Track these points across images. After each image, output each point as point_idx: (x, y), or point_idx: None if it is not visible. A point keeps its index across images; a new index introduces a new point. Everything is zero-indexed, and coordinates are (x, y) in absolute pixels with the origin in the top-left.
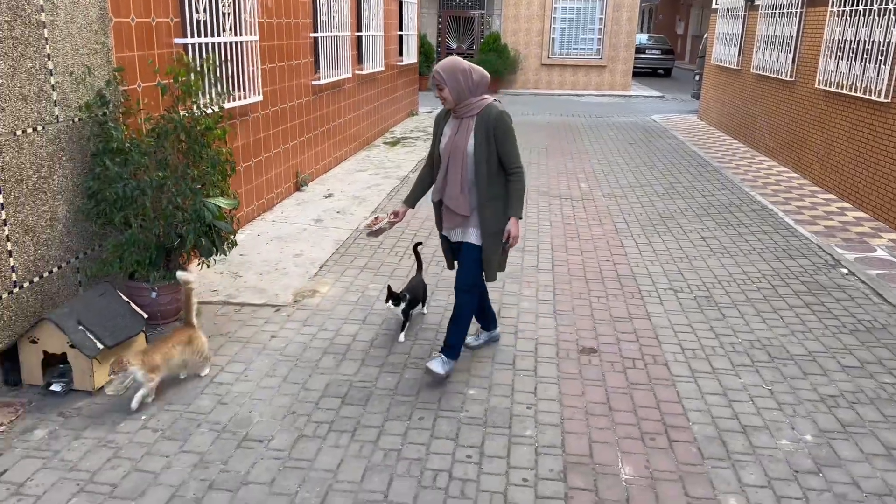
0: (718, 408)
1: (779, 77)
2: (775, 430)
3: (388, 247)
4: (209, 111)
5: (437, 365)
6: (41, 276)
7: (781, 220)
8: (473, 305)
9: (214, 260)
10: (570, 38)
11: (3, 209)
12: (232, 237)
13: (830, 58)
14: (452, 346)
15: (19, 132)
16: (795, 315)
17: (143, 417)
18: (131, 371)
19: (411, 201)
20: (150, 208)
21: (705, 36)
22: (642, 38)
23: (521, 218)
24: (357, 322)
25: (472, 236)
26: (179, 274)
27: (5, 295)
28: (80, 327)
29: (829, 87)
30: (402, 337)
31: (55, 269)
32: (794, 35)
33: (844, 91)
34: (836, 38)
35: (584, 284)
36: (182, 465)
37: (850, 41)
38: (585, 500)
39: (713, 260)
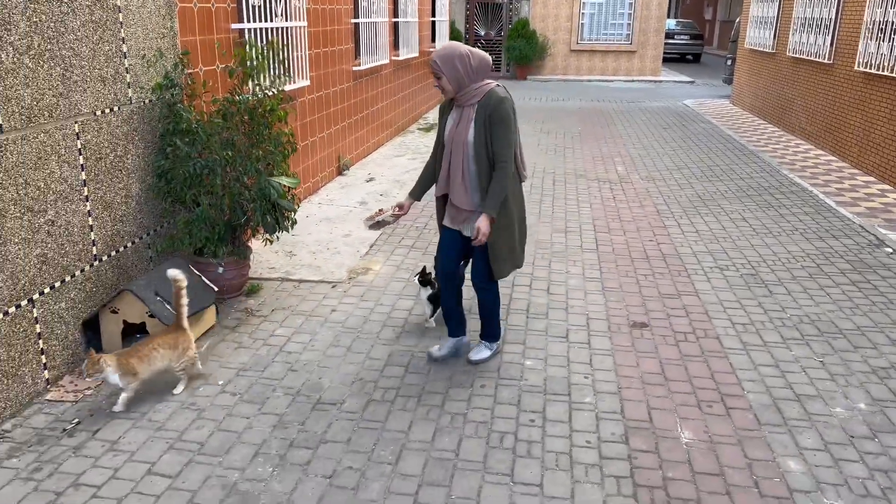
0: (772, 378)
1: (816, 59)
2: (829, 398)
3: (435, 229)
4: (270, 93)
5: (479, 352)
6: (118, 251)
7: (822, 202)
8: (495, 297)
9: (277, 237)
10: (600, 24)
11: (85, 185)
12: (293, 215)
13: (871, 39)
14: (490, 336)
15: (98, 112)
16: (842, 292)
17: (220, 382)
18: (106, 373)
19: (417, 194)
20: (219, 186)
21: (738, 20)
22: (671, 23)
23: (494, 216)
24: (411, 297)
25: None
26: (170, 272)
27: (87, 267)
28: (158, 298)
29: (869, 68)
30: (431, 322)
31: (129, 245)
32: (833, 17)
33: (885, 73)
34: (878, 20)
35: (630, 263)
36: (262, 425)
37: (892, 22)
38: (648, 461)
39: (756, 240)
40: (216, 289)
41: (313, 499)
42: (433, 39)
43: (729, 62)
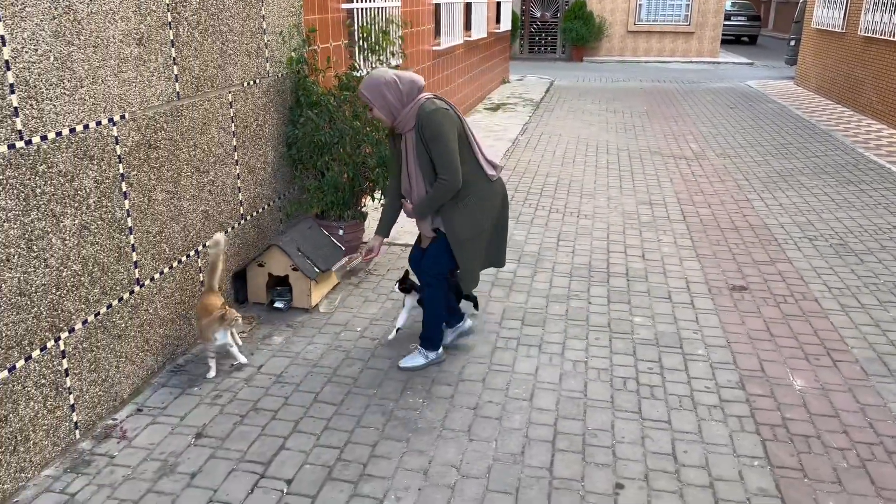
0: (873, 335)
1: (891, 39)
2: None
3: (550, 208)
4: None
5: (412, 358)
6: (258, 212)
7: None
8: (439, 298)
9: None
10: (658, 5)
11: (235, 150)
12: None
13: None
14: (425, 340)
15: (245, 84)
16: None
17: (358, 329)
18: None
19: (384, 230)
20: (346, 154)
21: (802, 0)
22: (727, 4)
23: (420, 216)
24: (525, 267)
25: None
26: (215, 238)
27: (236, 225)
28: (300, 253)
29: None
30: (399, 323)
31: (265, 207)
32: None
33: None
34: None
35: (720, 233)
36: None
37: None
38: (766, 403)
39: (840, 213)
40: (343, 248)
41: (463, 426)
42: (497, 21)
43: (792, 43)
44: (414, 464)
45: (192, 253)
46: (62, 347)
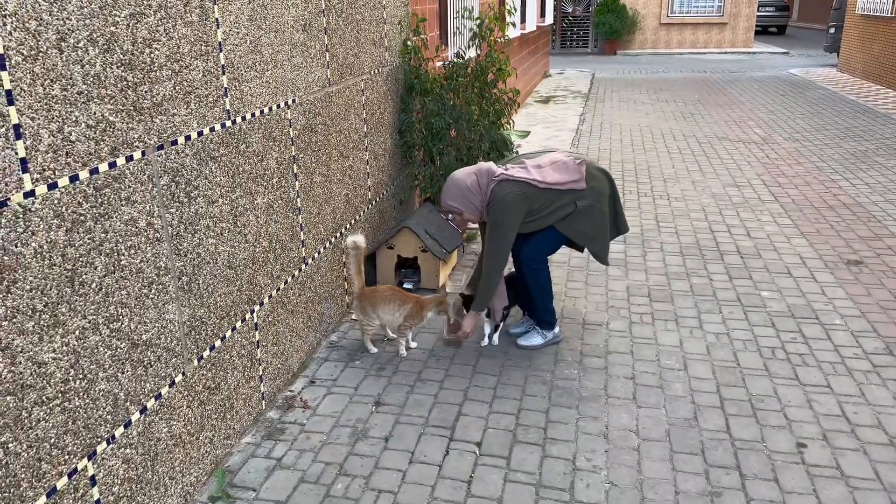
0: None
1: None
2: None
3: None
4: (501, 54)
5: (525, 338)
6: (380, 197)
7: None
8: (544, 279)
9: None
10: None
11: (366, 137)
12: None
13: None
14: (542, 321)
15: (373, 72)
16: None
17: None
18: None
19: (480, 305)
20: (460, 140)
21: None
22: None
23: (481, 310)
24: (617, 243)
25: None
26: (355, 240)
27: (366, 208)
28: (427, 235)
29: None
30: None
31: (384, 193)
32: None
33: None
34: None
35: (816, 212)
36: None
37: None
38: None
39: None
40: (461, 231)
41: (627, 394)
42: (542, 14)
43: (832, 31)
44: (591, 428)
45: (338, 234)
46: (255, 320)
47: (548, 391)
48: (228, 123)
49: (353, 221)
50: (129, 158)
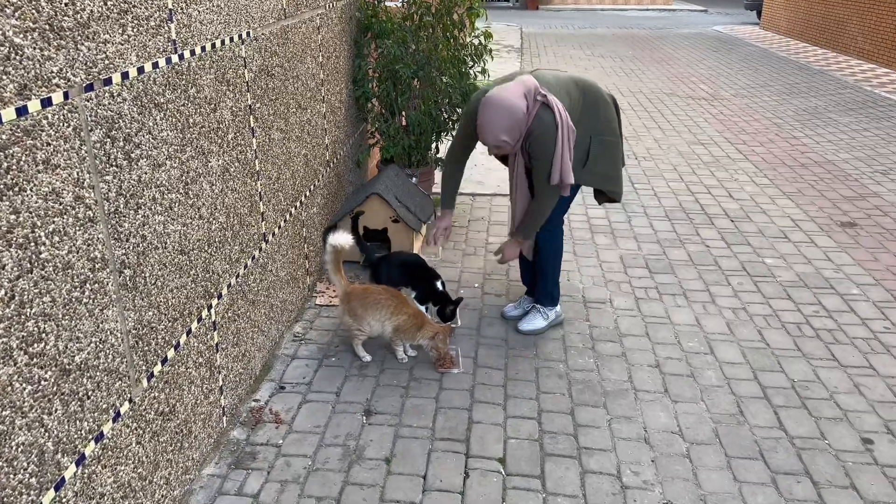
0: None
1: None
2: None
3: None
4: None
5: (531, 321)
6: (337, 158)
7: None
8: (557, 247)
9: None
10: None
11: (322, 85)
12: None
13: None
14: (544, 298)
15: (328, 6)
16: None
17: (475, 285)
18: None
19: (450, 203)
20: (425, 88)
21: None
22: None
23: (527, 239)
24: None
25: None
26: (334, 241)
27: (324, 171)
28: (399, 203)
29: None
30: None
31: (341, 153)
32: None
33: None
34: None
35: (791, 170)
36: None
37: None
38: None
39: (894, 146)
40: (431, 197)
41: (657, 386)
42: None
43: None
44: (628, 432)
45: (298, 204)
46: (213, 317)
47: (566, 386)
48: (175, 58)
49: (312, 188)
50: (47, 102)
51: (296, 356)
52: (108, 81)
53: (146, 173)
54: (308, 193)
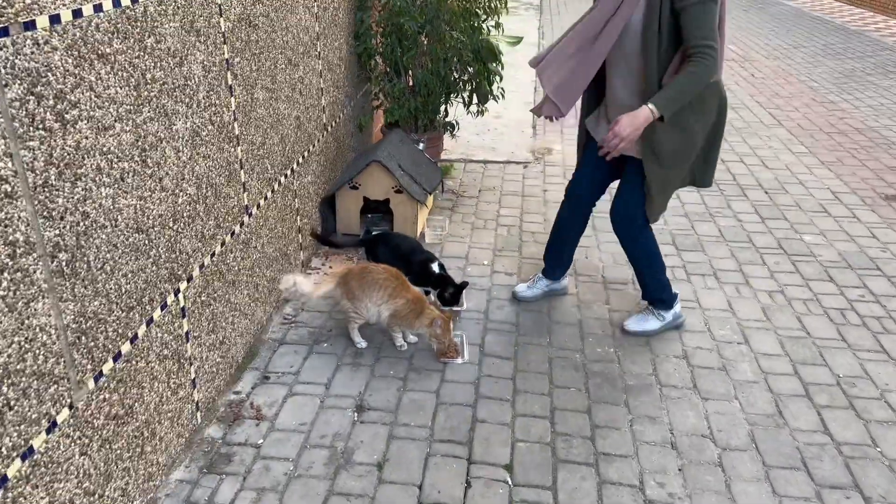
0: None
1: None
2: None
3: None
4: None
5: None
6: (336, 122)
7: None
8: (651, 247)
9: (485, 109)
10: None
11: (318, 39)
12: (500, 82)
13: None
14: (655, 299)
15: None
16: None
17: (485, 262)
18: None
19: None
20: (438, 47)
21: None
22: None
23: (661, 117)
24: None
25: (633, 148)
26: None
27: (320, 137)
28: (402, 171)
29: None
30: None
31: (340, 116)
32: None
33: None
34: None
35: (828, 137)
36: (556, 301)
37: None
38: None
39: None
40: (439, 166)
41: (684, 381)
42: None
43: None
44: (652, 435)
45: (289, 172)
46: (181, 303)
47: (583, 380)
48: (126, 1)
49: (306, 154)
50: None
51: (284, 341)
52: (29, 25)
53: (87, 138)
54: (301, 160)
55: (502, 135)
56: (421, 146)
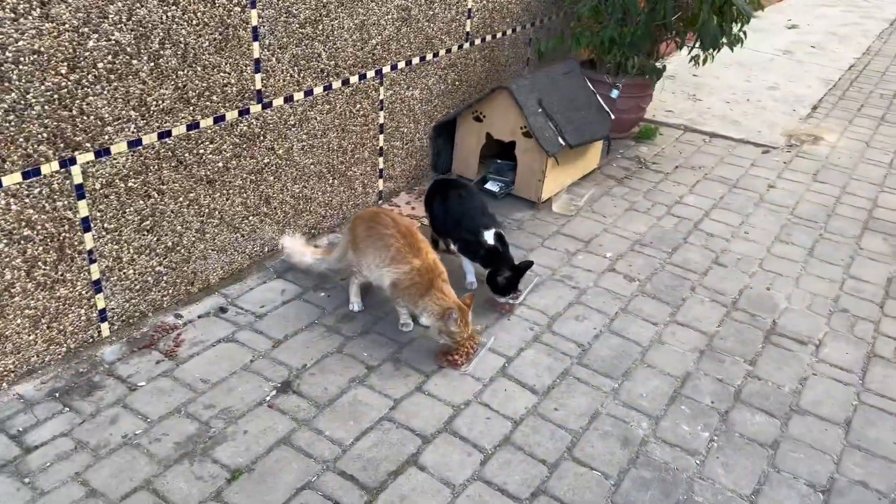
0: None
1: None
2: None
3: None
4: None
5: None
6: (493, 37)
7: None
8: None
9: (712, 56)
10: None
11: None
12: (746, 23)
13: None
14: None
15: None
16: None
17: (607, 255)
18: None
19: None
20: None
21: None
22: None
23: None
24: (892, 190)
25: None
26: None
27: (456, 48)
28: (541, 110)
29: None
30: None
31: (507, 32)
32: None
33: None
34: None
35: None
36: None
37: None
38: None
39: None
40: (612, 116)
41: None
42: None
43: None
44: None
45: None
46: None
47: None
48: None
49: (419, 58)
50: None
51: (282, 274)
52: None
53: None
54: (404, 65)
55: (764, 108)
56: (614, 93)
